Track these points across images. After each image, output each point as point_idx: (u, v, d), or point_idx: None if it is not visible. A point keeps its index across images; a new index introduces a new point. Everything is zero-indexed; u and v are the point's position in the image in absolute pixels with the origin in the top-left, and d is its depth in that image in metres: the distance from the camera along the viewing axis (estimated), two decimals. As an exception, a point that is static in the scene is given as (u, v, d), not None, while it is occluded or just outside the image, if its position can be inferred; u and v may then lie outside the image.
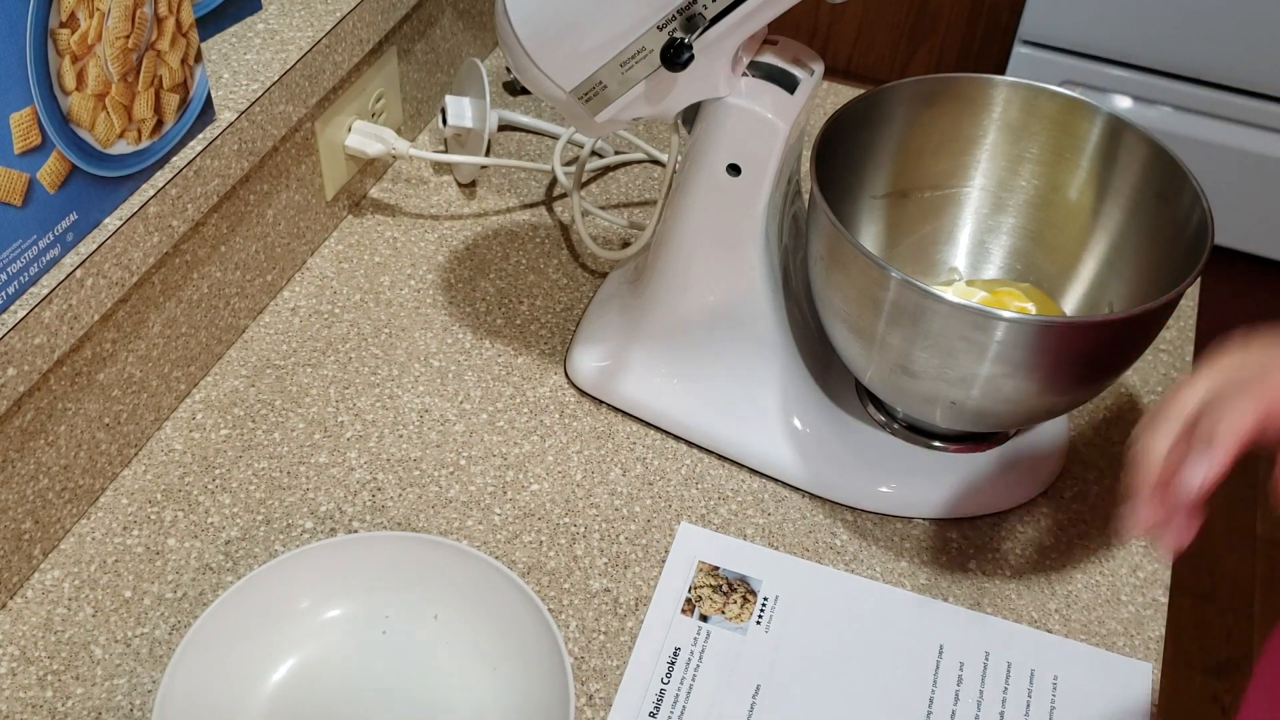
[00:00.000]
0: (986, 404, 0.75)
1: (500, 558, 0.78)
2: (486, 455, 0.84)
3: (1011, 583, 0.79)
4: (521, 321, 0.94)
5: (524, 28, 0.72)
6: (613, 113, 0.75)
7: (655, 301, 0.84)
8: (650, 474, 0.84)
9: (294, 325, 0.92)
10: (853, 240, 0.72)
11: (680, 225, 0.80)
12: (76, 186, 0.70)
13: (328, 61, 0.89)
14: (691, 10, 0.68)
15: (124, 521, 0.79)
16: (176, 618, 0.74)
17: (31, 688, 0.70)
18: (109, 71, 0.69)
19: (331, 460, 0.83)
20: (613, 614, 0.76)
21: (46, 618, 0.73)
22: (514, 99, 1.15)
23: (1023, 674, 0.74)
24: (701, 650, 0.74)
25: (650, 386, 0.85)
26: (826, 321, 0.80)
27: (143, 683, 0.71)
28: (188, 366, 0.86)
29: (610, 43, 0.71)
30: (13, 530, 0.73)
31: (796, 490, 0.84)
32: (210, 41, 0.86)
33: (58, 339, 0.70)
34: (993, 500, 0.83)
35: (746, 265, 0.79)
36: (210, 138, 0.79)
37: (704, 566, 0.78)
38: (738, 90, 0.74)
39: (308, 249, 0.98)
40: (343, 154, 0.98)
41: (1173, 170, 0.77)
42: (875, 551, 0.81)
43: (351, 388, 0.88)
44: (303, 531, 0.79)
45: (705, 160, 0.76)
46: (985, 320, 0.69)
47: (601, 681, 0.72)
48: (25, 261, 0.67)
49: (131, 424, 0.81)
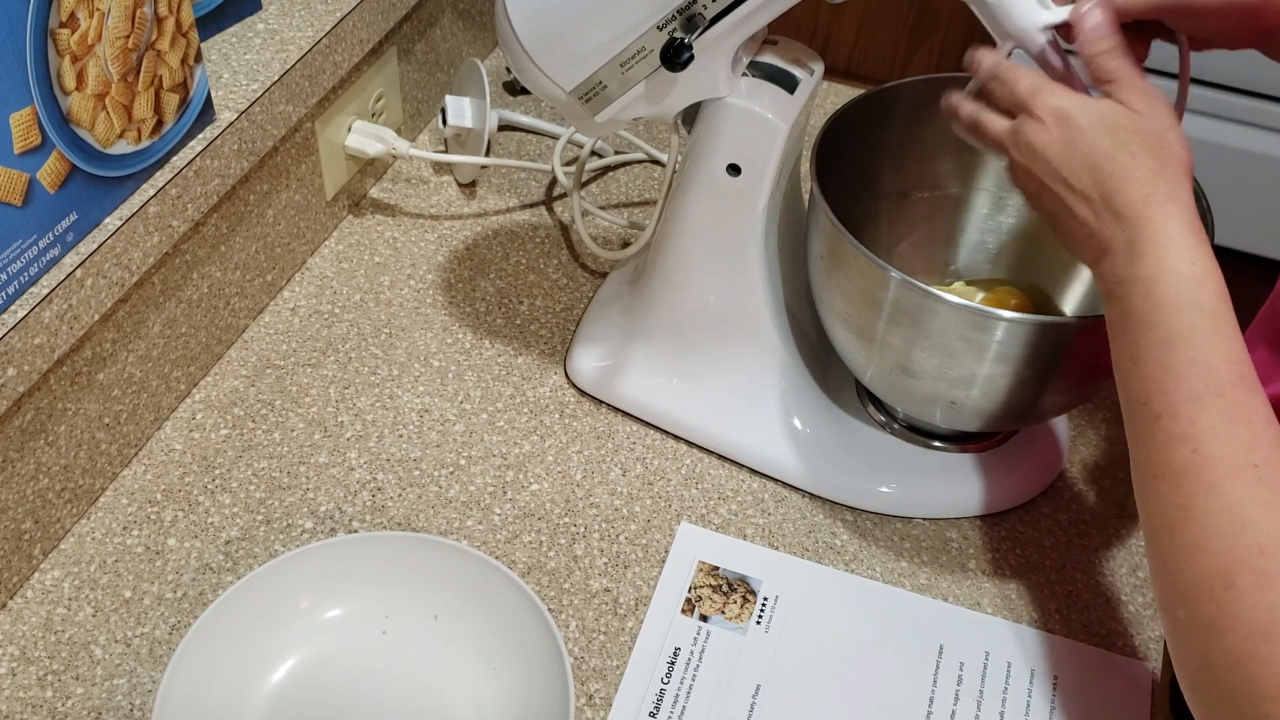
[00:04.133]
0: (986, 404, 0.75)
1: (500, 558, 0.78)
2: (486, 455, 0.84)
3: (1011, 583, 0.79)
4: (521, 321, 0.94)
5: (524, 28, 0.72)
6: (613, 113, 0.75)
7: (655, 301, 0.84)
8: (650, 474, 0.84)
9: (294, 325, 0.92)
10: (853, 240, 0.72)
11: (680, 225, 0.80)
12: (76, 186, 0.70)
13: (328, 61, 0.89)
14: (691, 10, 0.68)
15: (124, 521, 0.79)
16: (176, 618, 0.74)
17: (31, 688, 0.70)
18: (109, 71, 0.69)
19: (331, 460, 0.83)
20: (613, 614, 0.76)
21: (46, 618, 0.73)
22: (514, 99, 1.15)
23: (1023, 674, 0.74)
24: (701, 650, 0.74)
25: (650, 386, 0.85)
26: (826, 321, 0.80)
27: (143, 683, 0.71)
28: (188, 366, 0.86)
29: (610, 43, 0.71)
30: (13, 530, 0.73)
31: (796, 490, 0.84)
32: (210, 41, 0.86)
33: (58, 339, 0.70)
34: (993, 500, 0.83)
35: (746, 265, 0.79)
36: (210, 138, 0.79)
37: (704, 566, 0.78)
38: (738, 90, 0.74)
39: (308, 249, 0.97)
40: (343, 154, 0.98)
41: (1173, 170, 0.77)
42: (875, 551, 0.80)
43: (351, 388, 0.88)
44: (303, 531, 0.79)
45: (705, 160, 0.76)
46: (985, 320, 0.69)
47: (601, 681, 0.72)
48: (25, 261, 0.67)
49: (131, 424, 0.81)
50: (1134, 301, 0.56)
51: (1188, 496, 0.54)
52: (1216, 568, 0.52)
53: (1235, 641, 0.51)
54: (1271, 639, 0.51)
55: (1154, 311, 0.56)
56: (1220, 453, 0.54)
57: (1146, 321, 0.56)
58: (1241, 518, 0.52)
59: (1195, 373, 0.55)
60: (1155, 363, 0.55)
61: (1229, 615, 0.52)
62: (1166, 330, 0.55)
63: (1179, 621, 0.55)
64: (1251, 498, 0.53)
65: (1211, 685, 0.53)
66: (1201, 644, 0.53)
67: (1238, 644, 0.51)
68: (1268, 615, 0.51)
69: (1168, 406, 0.55)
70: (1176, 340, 0.55)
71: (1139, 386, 0.56)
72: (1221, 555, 0.52)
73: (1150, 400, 0.56)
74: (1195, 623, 0.53)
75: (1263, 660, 0.51)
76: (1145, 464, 0.56)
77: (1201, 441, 0.54)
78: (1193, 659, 0.54)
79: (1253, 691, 0.51)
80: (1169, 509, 0.55)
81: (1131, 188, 0.58)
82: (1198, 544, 0.53)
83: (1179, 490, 0.54)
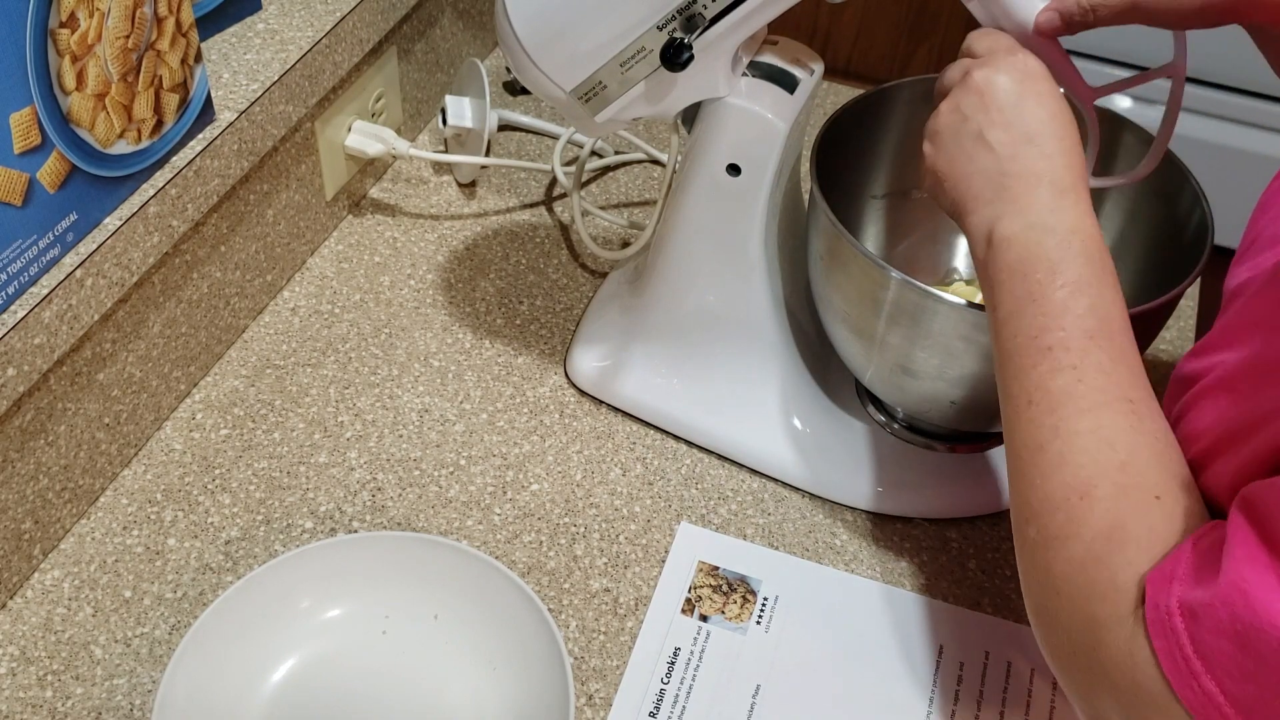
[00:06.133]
0: (986, 404, 0.74)
1: (500, 558, 0.78)
2: (486, 455, 0.84)
3: (1011, 583, 0.79)
4: (521, 321, 0.94)
5: (524, 28, 0.72)
6: (612, 113, 0.75)
7: (655, 301, 0.84)
8: (650, 474, 0.84)
9: (294, 325, 0.92)
10: (853, 240, 0.72)
11: (680, 225, 0.80)
12: (76, 186, 0.70)
13: (328, 61, 0.89)
14: (691, 10, 0.68)
15: (124, 521, 0.79)
16: (176, 618, 0.74)
17: (31, 688, 0.70)
18: (109, 71, 0.69)
19: (331, 460, 0.83)
20: (613, 614, 0.76)
21: (46, 618, 0.73)
22: (514, 99, 1.15)
23: (1023, 674, 0.74)
24: (701, 650, 0.74)
25: (650, 386, 0.85)
26: (826, 321, 0.80)
27: (143, 683, 0.71)
28: (188, 366, 0.86)
29: (610, 43, 0.71)
30: (13, 530, 0.73)
31: (796, 490, 0.84)
32: (210, 41, 0.86)
33: (58, 339, 0.70)
34: (992, 500, 0.83)
35: (746, 265, 0.79)
36: (210, 138, 0.79)
37: (704, 566, 0.78)
38: (737, 90, 0.74)
39: (308, 249, 0.97)
40: (343, 154, 0.98)
41: (1173, 170, 0.77)
42: (875, 551, 0.80)
43: (351, 388, 0.88)
44: (303, 531, 0.79)
45: (705, 160, 0.76)
46: (985, 320, 0.69)
47: (601, 681, 0.72)
48: (25, 261, 0.67)
49: (131, 424, 0.81)
50: (1047, 247, 0.60)
51: (1060, 419, 0.57)
52: (1076, 481, 0.55)
53: (1080, 546, 0.54)
54: (1114, 540, 0.53)
55: (1066, 259, 0.60)
56: (1101, 384, 0.57)
57: (1056, 266, 0.60)
58: (1109, 439, 0.56)
59: (1095, 315, 0.59)
60: (1057, 302, 0.59)
61: (1078, 522, 0.54)
62: (1074, 275, 0.59)
63: (1028, 540, 0.57)
64: (1121, 424, 0.56)
65: (1052, 598, 0.55)
66: (1047, 558, 0.56)
67: (1082, 548, 0.54)
68: (1115, 518, 0.53)
69: (1060, 340, 0.59)
70: (1083, 286, 0.59)
71: (1033, 323, 0.60)
72: (1083, 470, 0.55)
73: (1043, 335, 0.59)
74: (1043, 536, 0.56)
75: (1102, 560, 0.53)
76: (1022, 393, 0.59)
77: (1086, 372, 0.57)
78: (1037, 573, 0.56)
79: (1090, 593, 0.53)
80: (1039, 431, 0.58)
81: (1077, 158, 0.63)
82: (1062, 460, 0.56)
83: (1053, 413, 0.57)
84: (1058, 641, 0.55)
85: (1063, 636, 0.55)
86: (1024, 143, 0.63)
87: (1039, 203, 0.61)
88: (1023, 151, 0.63)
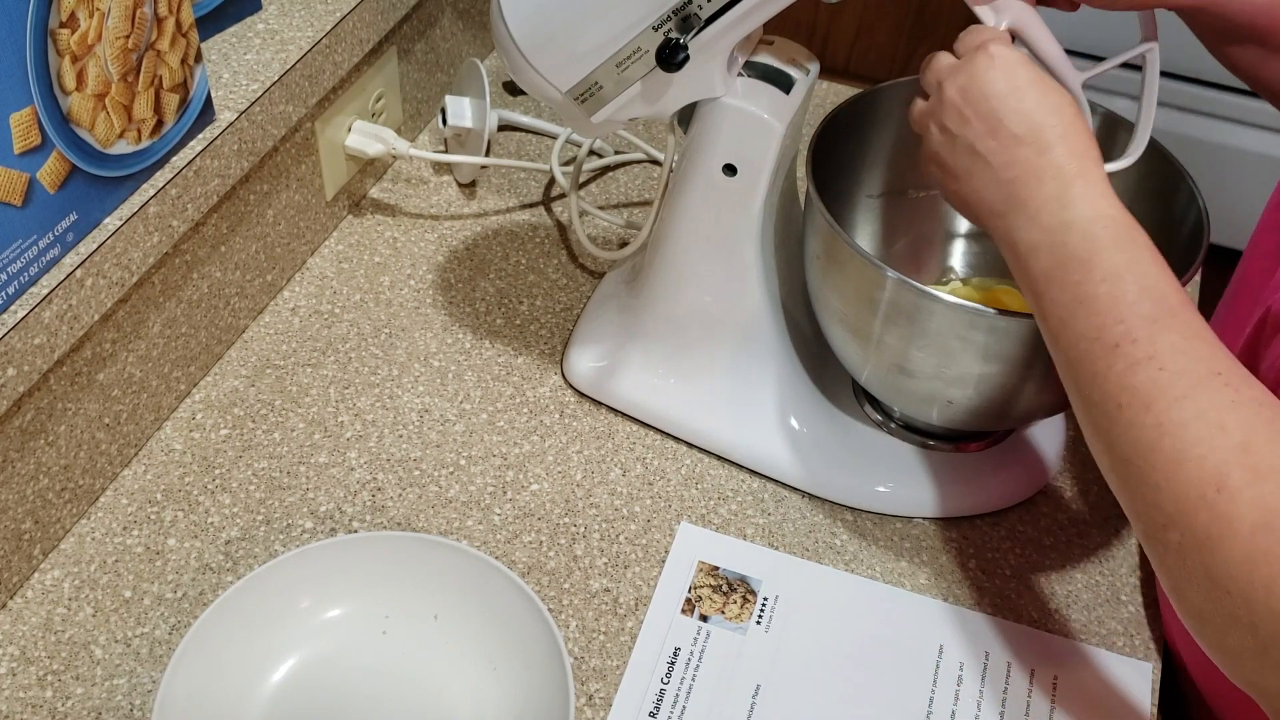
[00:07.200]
0: (983, 403, 0.75)
1: (500, 558, 0.78)
2: (486, 455, 0.84)
3: (1011, 583, 0.79)
4: (521, 321, 0.94)
5: (519, 29, 0.72)
6: (609, 113, 0.75)
7: (652, 301, 0.84)
8: (650, 474, 0.84)
9: (294, 325, 0.92)
10: (849, 240, 0.72)
11: (677, 225, 0.80)
12: (76, 186, 0.70)
13: (328, 61, 0.89)
14: (687, 10, 0.68)
15: (124, 521, 0.79)
16: (176, 618, 0.74)
17: (31, 688, 0.70)
18: (109, 71, 0.69)
19: (331, 460, 0.83)
20: (613, 614, 0.76)
21: (46, 618, 0.73)
22: (514, 99, 1.15)
23: (1023, 674, 0.74)
24: (701, 650, 0.74)
25: (647, 386, 0.85)
26: (823, 321, 0.80)
27: (143, 683, 0.71)
28: (188, 366, 0.86)
29: (605, 44, 0.71)
30: (13, 530, 0.73)
31: (796, 490, 0.84)
32: (210, 41, 0.86)
33: (58, 339, 0.70)
34: (991, 499, 0.83)
35: (743, 265, 0.80)
36: (210, 138, 0.79)
37: (704, 566, 0.78)
38: (733, 90, 0.74)
39: (308, 249, 0.98)
40: (343, 154, 0.98)
41: (1169, 169, 0.77)
42: (875, 551, 0.81)
43: (351, 388, 0.88)
44: (303, 531, 0.79)
45: (701, 160, 0.77)
46: (982, 319, 0.69)
47: (601, 681, 0.72)
48: (25, 261, 0.68)
49: (131, 424, 0.81)
50: (1072, 245, 0.58)
51: (1159, 413, 0.54)
52: (1204, 475, 0.52)
53: (1238, 544, 0.51)
54: (1274, 529, 0.50)
55: (1096, 251, 0.57)
56: (1185, 366, 0.54)
57: (1089, 262, 0.57)
58: (1217, 421, 0.53)
59: (1148, 298, 0.56)
60: (1105, 297, 0.57)
61: (1227, 517, 0.51)
62: (1111, 265, 0.57)
63: (1172, 546, 0.53)
64: (1221, 401, 0.53)
65: (1220, 601, 0.52)
66: (1202, 560, 0.52)
67: (1241, 545, 0.50)
68: (1266, 506, 0.50)
69: (1125, 333, 0.56)
70: (1124, 272, 0.57)
71: (1088, 324, 0.57)
72: (1207, 461, 0.52)
73: (1104, 333, 0.56)
74: (1191, 540, 0.52)
75: (1270, 554, 0.50)
76: (1104, 399, 0.56)
77: (1166, 358, 0.55)
78: (1194, 580, 0.53)
79: (1269, 589, 0.49)
80: (1142, 432, 0.55)
81: (1076, 138, 0.61)
82: (1180, 456, 0.53)
83: (1149, 410, 0.54)
84: (1238, 642, 0.52)
85: (1246, 635, 0.51)
86: (1015, 144, 0.61)
87: (1049, 202, 0.59)
88: (1016, 154, 0.61)
